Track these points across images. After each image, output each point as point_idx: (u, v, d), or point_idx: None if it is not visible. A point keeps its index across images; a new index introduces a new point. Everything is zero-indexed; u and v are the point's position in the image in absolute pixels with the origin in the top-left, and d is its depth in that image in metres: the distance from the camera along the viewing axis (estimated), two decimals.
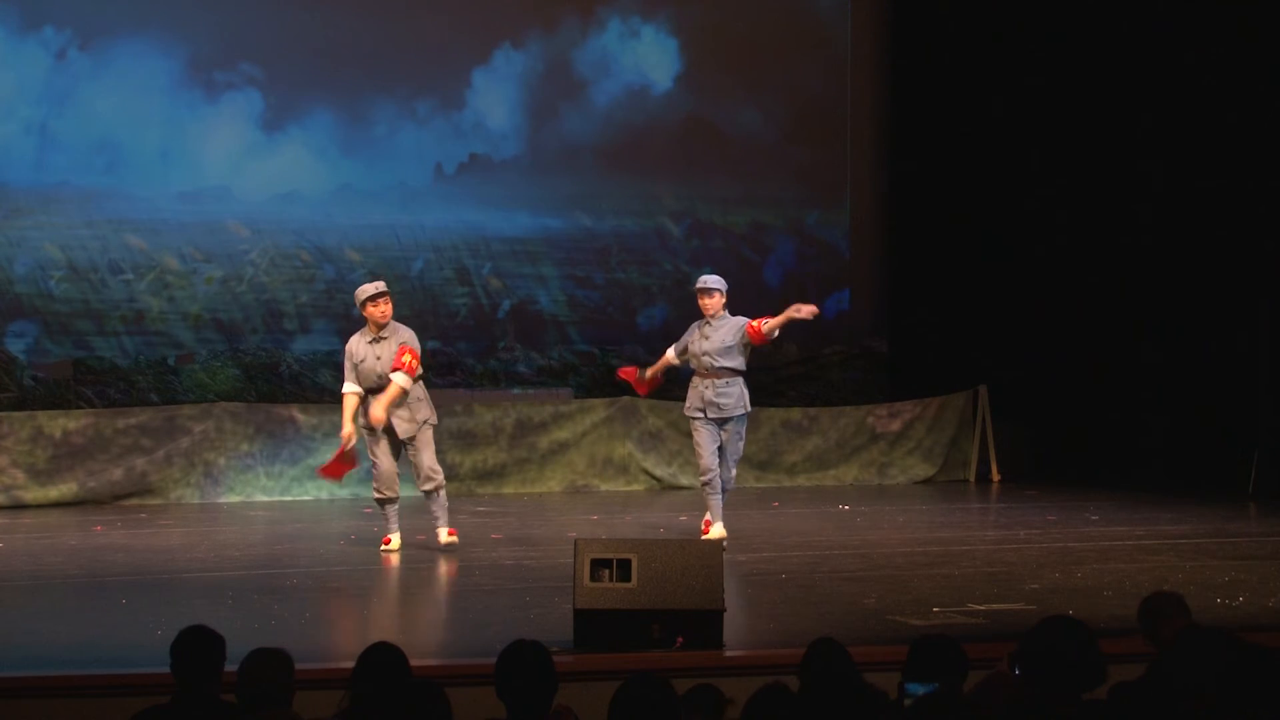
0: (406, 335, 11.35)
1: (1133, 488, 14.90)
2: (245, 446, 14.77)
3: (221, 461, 14.70)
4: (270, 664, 5.38)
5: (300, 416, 14.93)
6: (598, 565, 7.92)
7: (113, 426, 14.55)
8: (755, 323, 11.59)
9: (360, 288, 11.54)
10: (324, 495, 14.89)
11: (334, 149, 16.02)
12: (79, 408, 14.94)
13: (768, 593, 9.73)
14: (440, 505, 11.37)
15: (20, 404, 14.95)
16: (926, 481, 16.35)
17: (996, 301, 16.63)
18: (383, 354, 11.26)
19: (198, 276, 15.71)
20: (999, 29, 16.64)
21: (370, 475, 15.17)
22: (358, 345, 11.38)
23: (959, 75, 16.76)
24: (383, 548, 11.31)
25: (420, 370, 11.38)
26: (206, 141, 15.70)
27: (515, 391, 16.19)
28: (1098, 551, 11.43)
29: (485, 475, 15.38)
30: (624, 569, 7.89)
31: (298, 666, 5.48)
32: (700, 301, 11.88)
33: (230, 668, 5.49)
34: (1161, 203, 16.16)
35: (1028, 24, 16.54)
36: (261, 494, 14.77)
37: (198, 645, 5.50)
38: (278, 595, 9.63)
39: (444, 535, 11.35)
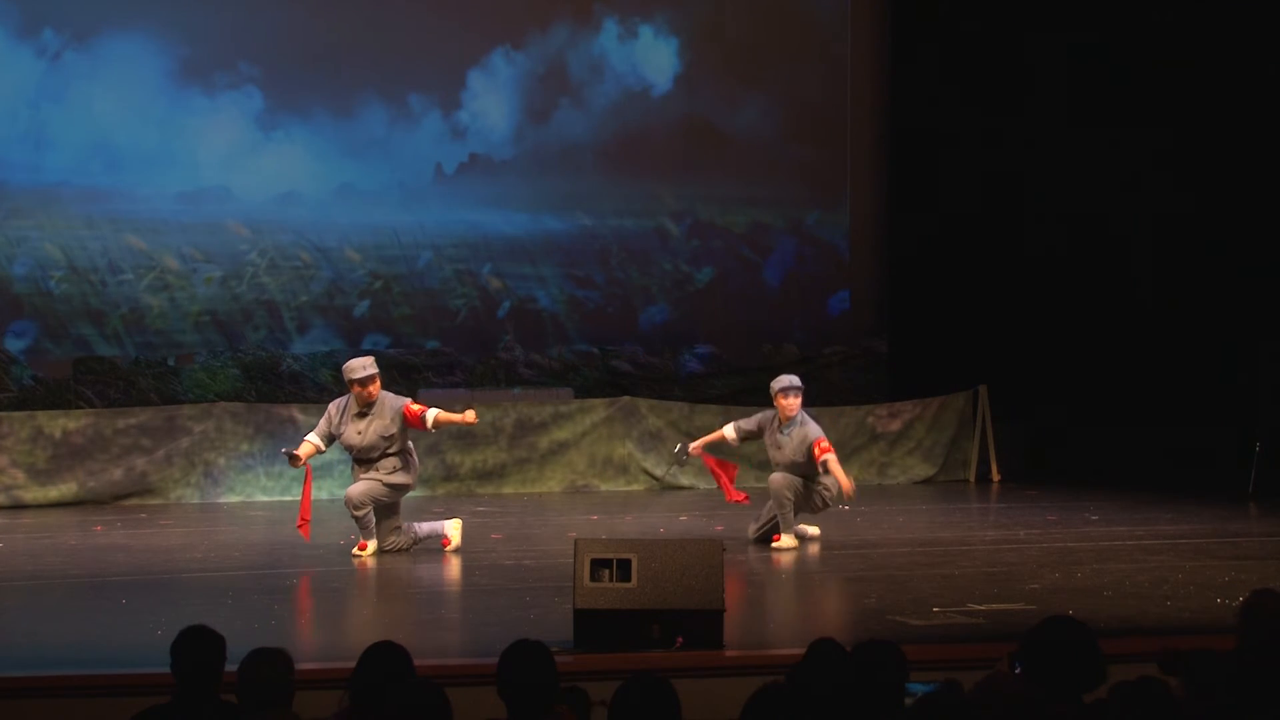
0: (399, 401, 11.21)
1: (1133, 488, 14.90)
2: (245, 446, 14.77)
3: (221, 461, 14.70)
4: (270, 664, 5.38)
5: (300, 416, 14.93)
6: (598, 565, 7.92)
7: (113, 426, 14.55)
8: (823, 447, 11.42)
9: (349, 364, 11.35)
10: (324, 495, 14.87)
11: (334, 149, 16.01)
12: (79, 408, 14.94)
13: (768, 593, 9.72)
14: (362, 525, 11.21)
15: (20, 404, 14.95)
16: (926, 481, 16.34)
17: (996, 301, 16.63)
18: (366, 430, 11.15)
19: (198, 276, 15.71)
20: (999, 29, 16.63)
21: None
22: (339, 413, 11.26)
23: (959, 75, 16.75)
24: (355, 552, 11.21)
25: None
26: (206, 141, 15.70)
27: (515, 391, 16.19)
28: (1098, 551, 11.43)
29: (485, 475, 15.38)
30: (624, 569, 7.90)
31: (298, 666, 5.47)
32: (783, 401, 11.74)
33: (230, 668, 5.49)
34: (1162, 202, 16.16)
35: (1028, 24, 16.54)
36: (261, 494, 14.77)
37: (198, 645, 5.50)
38: (278, 595, 9.64)
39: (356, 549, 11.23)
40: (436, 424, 11.25)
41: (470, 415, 11.30)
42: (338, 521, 13.38)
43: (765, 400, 16.68)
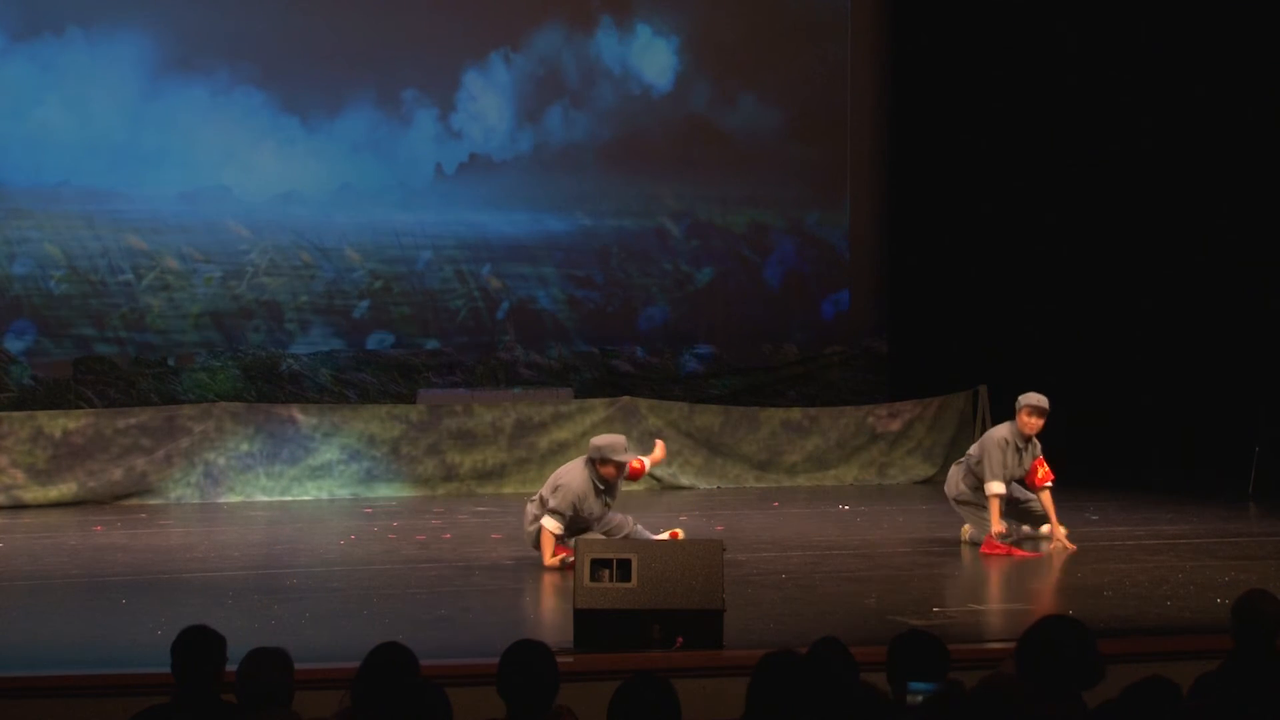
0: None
1: (1133, 488, 14.89)
2: (245, 446, 14.76)
3: (221, 461, 14.70)
4: (270, 664, 5.38)
5: (300, 416, 14.93)
6: (598, 565, 7.92)
7: (113, 426, 14.54)
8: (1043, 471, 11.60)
9: (612, 444, 10.84)
10: (324, 495, 14.89)
11: (334, 149, 16.01)
12: (79, 408, 14.94)
13: (768, 593, 9.72)
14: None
15: (20, 404, 14.94)
16: (926, 481, 16.33)
17: (996, 301, 16.63)
18: (609, 504, 10.77)
19: (198, 276, 15.71)
20: (999, 29, 16.63)
21: (369, 475, 15.26)
22: (586, 493, 10.67)
23: (959, 75, 16.75)
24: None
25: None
26: (206, 141, 15.70)
27: (515, 391, 16.19)
28: (1098, 551, 11.42)
29: (485, 475, 15.37)
30: (624, 569, 7.90)
31: (298, 666, 5.47)
32: (1031, 420, 11.63)
33: (230, 668, 5.49)
34: (1162, 203, 16.16)
35: (1028, 24, 16.54)
36: (261, 494, 14.76)
37: (198, 645, 5.49)
38: (278, 595, 9.63)
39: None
40: (651, 466, 11.31)
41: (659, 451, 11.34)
42: (338, 521, 13.40)
43: (765, 399, 16.75)
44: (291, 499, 14.73)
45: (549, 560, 10.60)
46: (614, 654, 7.60)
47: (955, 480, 11.89)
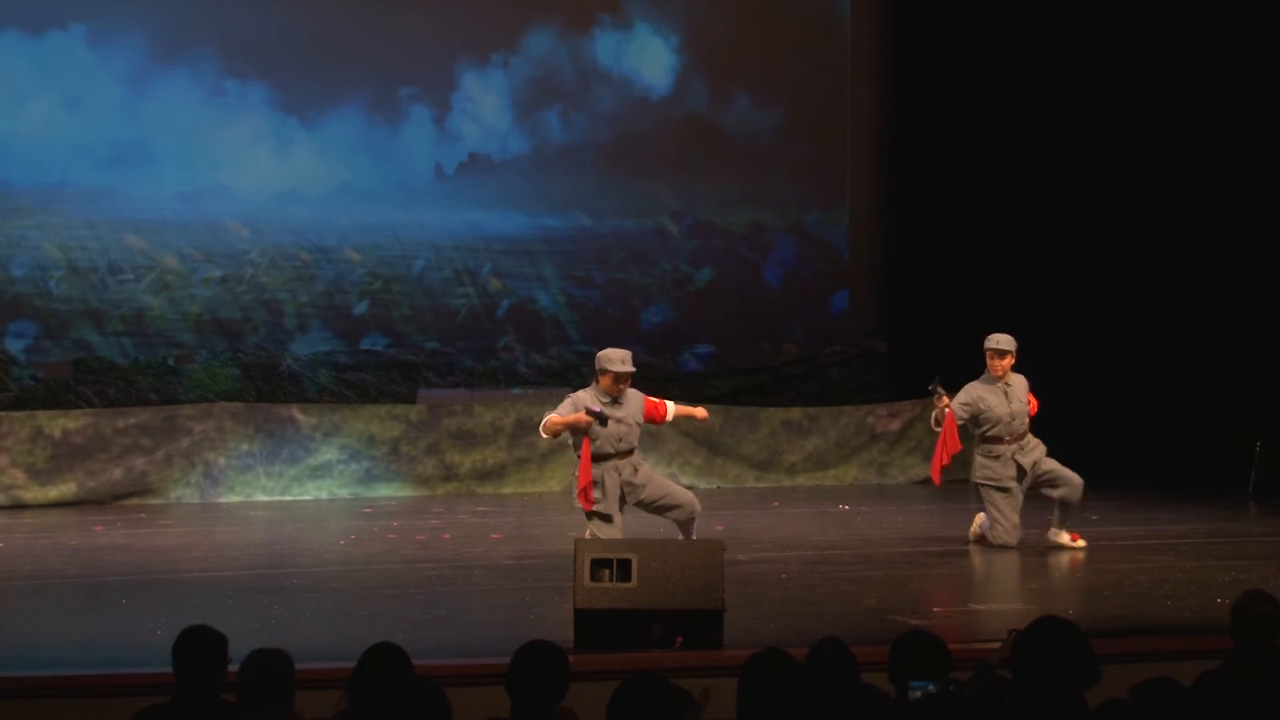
0: (638, 394, 10.94)
1: (1133, 488, 14.89)
2: (245, 446, 14.77)
3: (221, 461, 14.70)
4: (270, 664, 5.38)
5: (300, 416, 14.94)
6: (598, 565, 7.93)
7: (113, 426, 14.55)
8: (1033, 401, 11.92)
9: (608, 354, 10.90)
10: (324, 495, 14.90)
11: (334, 149, 16.00)
12: (79, 408, 14.94)
13: (768, 593, 9.73)
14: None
15: (20, 404, 14.93)
16: (926, 481, 16.32)
17: (996, 301, 16.60)
18: (625, 415, 10.82)
19: (198, 276, 15.70)
20: (999, 28, 16.62)
21: (369, 475, 15.28)
22: (588, 400, 10.72)
23: (959, 74, 16.74)
24: None
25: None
26: (207, 141, 15.68)
27: (515, 391, 16.18)
28: (1098, 551, 11.42)
29: (485, 475, 15.38)
30: (624, 569, 7.90)
31: (298, 666, 5.47)
32: (994, 362, 11.93)
33: (231, 668, 5.49)
34: (1163, 202, 16.16)
35: (1028, 23, 16.53)
36: (261, 494, 14.77)
37: (198, 645, 5.49)
38: (278, 595, 9.64)
39: None
40: (675, 416, 11.14)
41: (702, 411, 11.25)
42: (338, 522, 13.40)
43: (765, 399, 16.73)
44: (291, 499, 14.73)
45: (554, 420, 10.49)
46: (614, 654, 7.61)
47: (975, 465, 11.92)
